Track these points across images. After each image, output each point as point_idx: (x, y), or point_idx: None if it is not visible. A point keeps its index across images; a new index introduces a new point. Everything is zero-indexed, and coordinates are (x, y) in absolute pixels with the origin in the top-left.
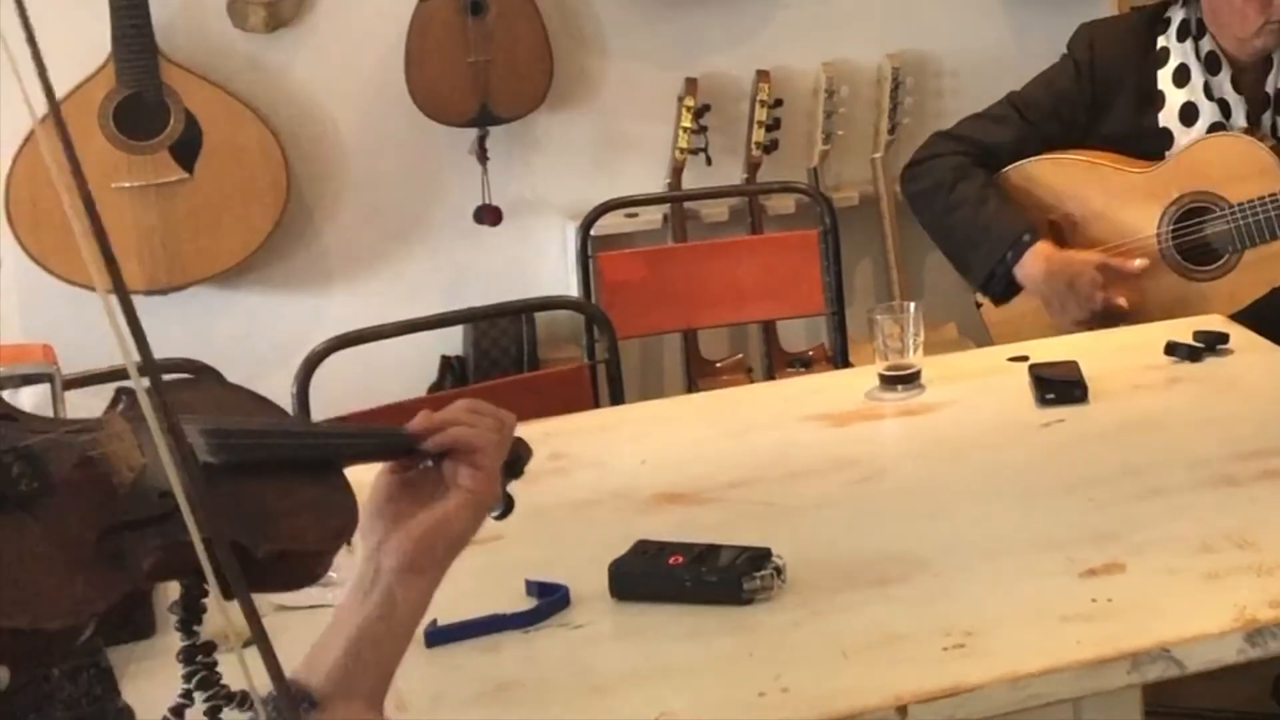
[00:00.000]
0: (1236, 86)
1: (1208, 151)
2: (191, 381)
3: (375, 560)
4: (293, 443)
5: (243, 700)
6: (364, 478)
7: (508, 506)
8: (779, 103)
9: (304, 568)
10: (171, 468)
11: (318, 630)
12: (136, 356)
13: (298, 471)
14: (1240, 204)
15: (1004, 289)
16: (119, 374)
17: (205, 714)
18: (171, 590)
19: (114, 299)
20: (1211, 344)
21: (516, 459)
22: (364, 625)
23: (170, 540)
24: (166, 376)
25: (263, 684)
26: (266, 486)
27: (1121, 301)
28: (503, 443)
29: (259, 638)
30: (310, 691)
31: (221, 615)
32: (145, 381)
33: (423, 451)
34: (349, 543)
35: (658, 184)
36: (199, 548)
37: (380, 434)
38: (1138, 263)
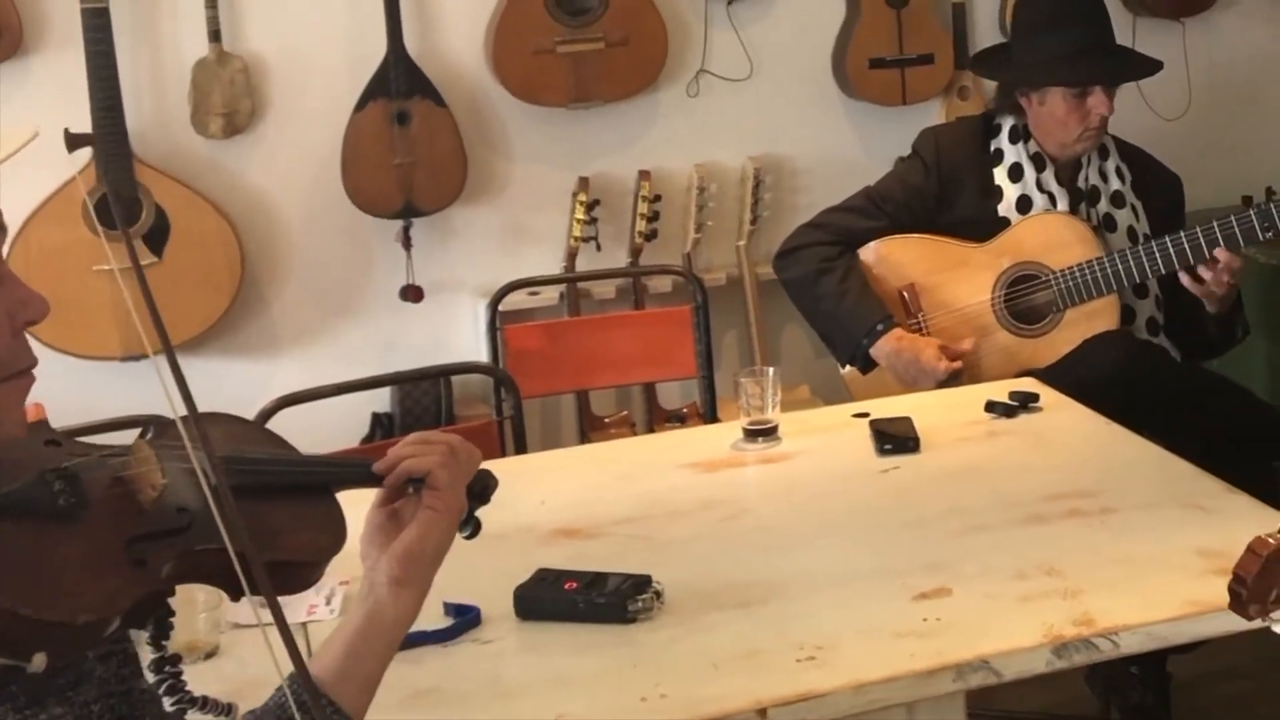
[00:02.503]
0: (1059, 181)
1: (1033, 227)
2: (213, 416)
3: (370, 577)
4: (293, 470)
5: (204, 704)
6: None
7: (476, 528)
8: (658, 198)
9: (300, 576)
10: (208, 491)
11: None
12: (181, 408)
13: (297, 494)
14: (1062, 270)
15: (864, 365)
16: (102, 427)
17: (172, 715)
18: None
19: (163, 360)
20: (1025, 402)
21: (484, 487)
22: (358, 629)
23: (186, 549)
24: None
25: (222, 689)
26: (271, 506)
27: (957, 366)
28: (454, 463)
29: (281, 627)
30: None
31: (186, 632)
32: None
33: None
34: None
35: (555, 266)
36: (233, 556)
37: (363, 465)
38: (967, 343)
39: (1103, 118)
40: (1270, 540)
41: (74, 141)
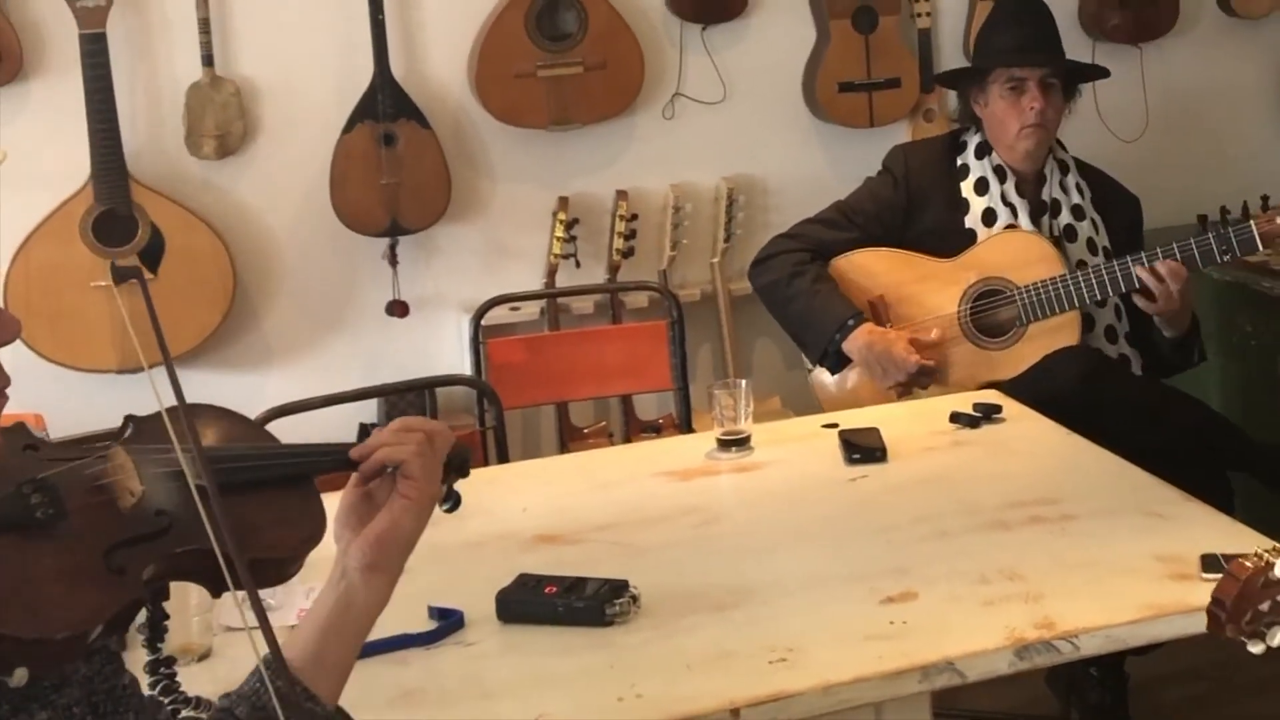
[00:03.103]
0: (1020, 193)
1: (1000, 244)
2: (192, 407)
3: (343, 561)
4: (270, 463)
5: (198, 703)
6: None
7: (456, 501)
8: (635, 217)
9: (278, 570)
10: (195, 491)
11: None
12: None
13: (275, 487)
14: (1026, 286)
15: (835, 362)
16: (95, 438)
17: (168, 714)
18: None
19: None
20: (988, 414)
21: (463, 461)
22: (331, 613)
23: (166, 552)
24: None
25: (215, 690)
26: (249, 500)
27: (929, 363)
28: (430, 451)
29: (261, 620)
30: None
31: (180, 635)
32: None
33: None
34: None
35: (536, 283)
36: (220, 558)
37: (340, 451)
38: (935, 333)
39: (1038, 112)
40: (1247, 564)
41: (121, 274)
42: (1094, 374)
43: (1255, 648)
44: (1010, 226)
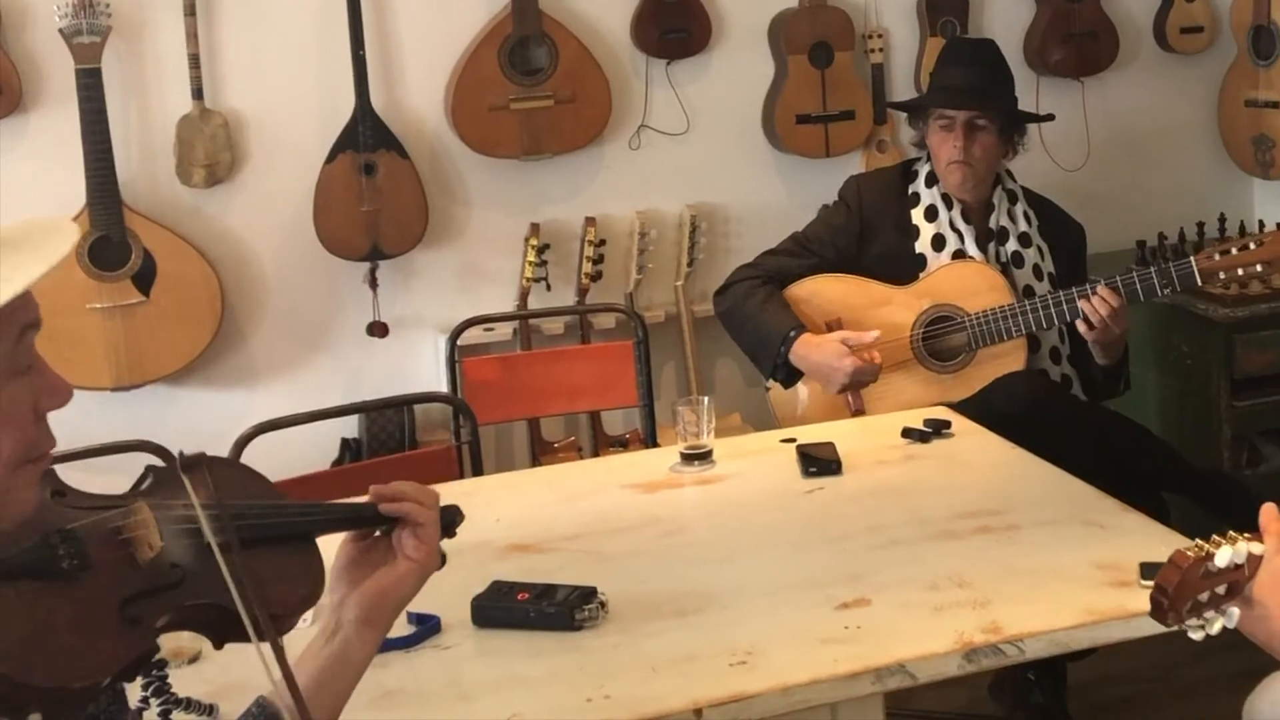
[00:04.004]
0: (966, 220)
1: (952, 273)
2: (210, 463)
3: (338, 613)
4: (277, 521)
5: (188, 705)
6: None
7: (443, 560)
8: (603, 242)
9: (278, 625)
10: (217, 551)
11: (244, 652)
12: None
13: (280, 545)
14: (976, 314)
15: (787, 376)
16: (92, 453)
17: (159, 715)
18: None
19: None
20: (938, 429)
21: (451, 521)
22: (326, 664)
23: (178, 604)
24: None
25: (204, 692)
26: (255, 558)
27: (861, 361)
28: (439, 520)
29: (282, 665)
30: (280, 712)
31: (171, 639)
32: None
33: (378, 521)
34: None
35: (509, 305)
36: (244, 615)
37: (345, 510)
38: (873, 333)
39: (959, 150)
40: (1189, 554)
41: (188, 464)
42: (1040, 398)
43: (1195, 635)
44: (959, 253)
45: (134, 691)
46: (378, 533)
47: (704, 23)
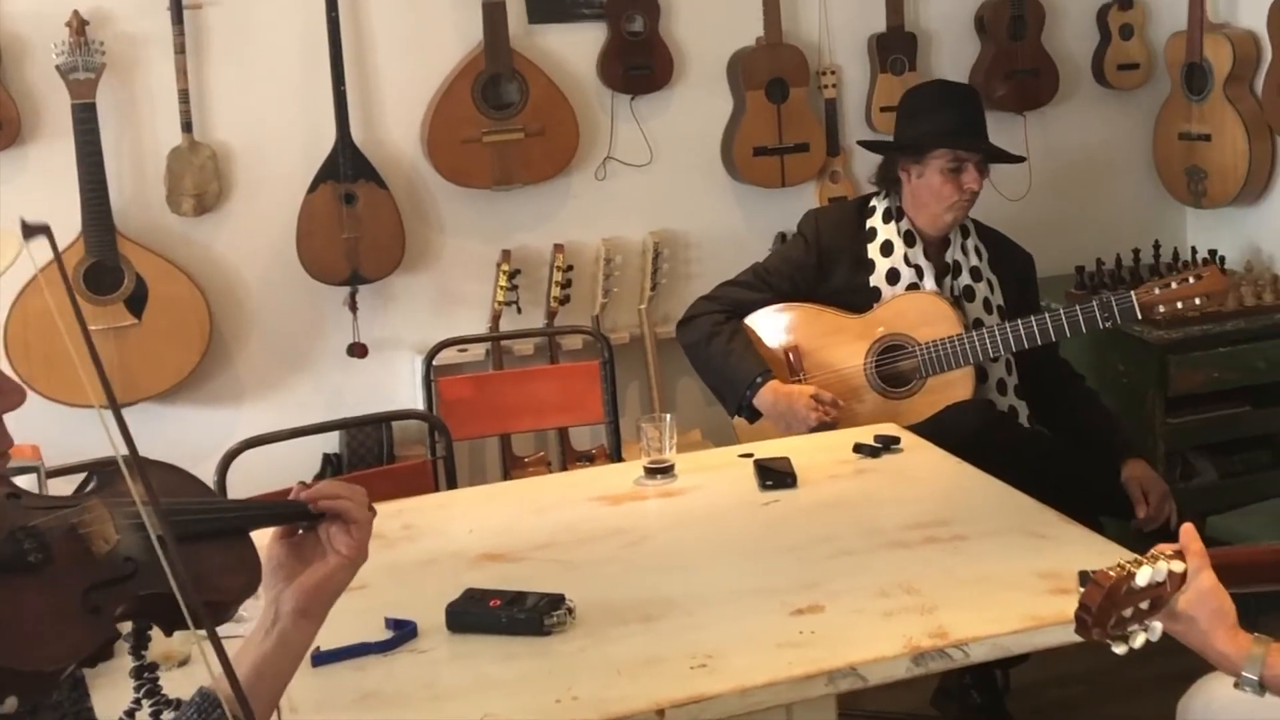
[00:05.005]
0: (927, 256)
1: (904, 304)
2: (151, 464)
3: (275, 607)
4: (213, 518)
5: (177, 705)
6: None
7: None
8: (571, 268)
9: (220, 613)
10: (156, 544)
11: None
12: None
13: (217, 539)
14: (927, 343)
15: (750, 415)
16: (87, 467)
17: (150, 715)
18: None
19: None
20: (887, 444)
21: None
22: (265, 655)
23: (133, 594)
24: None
25: (187, 691)
26: (198, 551)
27: (828, 418)
28: (370, 518)
29: (219, 652)
30: (220, 698)
31: (161, 643)
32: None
33: (308, 516)
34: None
35: (481, 327)
36: (179, 598)
37: (275, 507)
38: (836, 398)
39: (973, 192)
40: (1111, 574)
41: (29, 231)
42: (987, 427)
43: (1119, 649)
44: (913, 288)
45: (126, 694)
46: (301, 530)
47: (666, 60)
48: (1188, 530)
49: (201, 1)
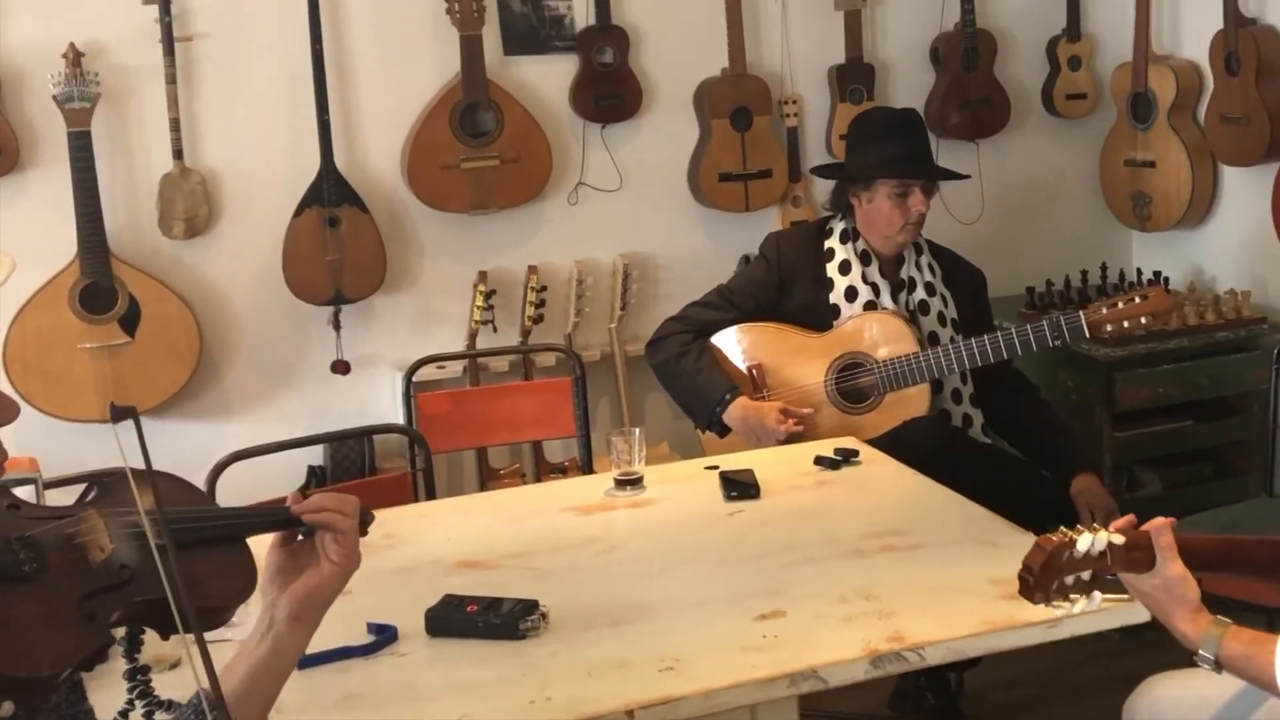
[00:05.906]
0: (883, 274)
1: (863, 323)
2: (147, 474)
3: (270, 613)
4: (210, 524)
5: (169, 706)
6: (261, 546)
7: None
8: (544, 288)
9: (215, 617)
10: (155, 550)
11: (222, 659)
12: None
13: (214, 545)
14: (884, 361)
15: (720, 431)
16: (83, 479)
17: (143, 716)
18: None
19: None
20: (847, 457)
21: (363, 521)
22: (260, 659)
23: (128, 600)
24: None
25: (184, 694)
26: (195, 558)
27: (797, 429)
28: (357, 526)
29: (205, 658)
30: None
31: (154, 647)
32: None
33: (301, 523)
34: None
35: (459, 345)
36: (173, 604)
37: (270, 514)
38: (806, 410)
39: (920, 214)
40: (1053, 538)
41: (119, 414)
42: (943, 443)
43: (1059, 613)
44: (870, 304)
45: (120, 694)
46: (300, 537)
47: (635, 90)
48: (1157, 525)
49: (192, 34)
